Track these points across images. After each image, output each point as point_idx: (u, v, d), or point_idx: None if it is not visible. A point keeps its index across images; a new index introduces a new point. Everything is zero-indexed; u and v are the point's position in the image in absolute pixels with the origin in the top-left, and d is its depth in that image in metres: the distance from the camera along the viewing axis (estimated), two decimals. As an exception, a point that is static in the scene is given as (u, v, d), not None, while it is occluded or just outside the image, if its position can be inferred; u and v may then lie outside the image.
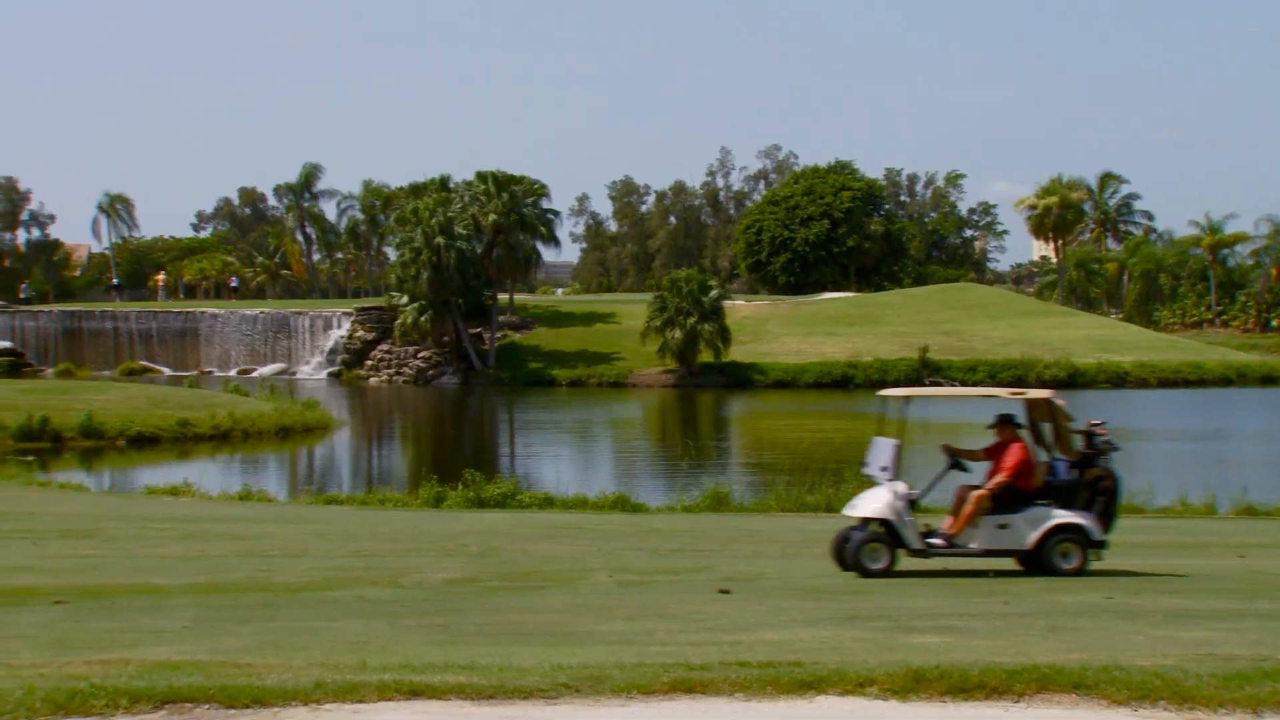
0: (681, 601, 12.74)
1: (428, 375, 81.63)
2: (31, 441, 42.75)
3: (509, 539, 19.20)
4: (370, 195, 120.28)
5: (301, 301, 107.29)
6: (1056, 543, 14.71)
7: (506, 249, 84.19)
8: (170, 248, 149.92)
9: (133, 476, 38.88)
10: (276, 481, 37.56)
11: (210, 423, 46.34)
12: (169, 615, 11.56)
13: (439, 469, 33.01)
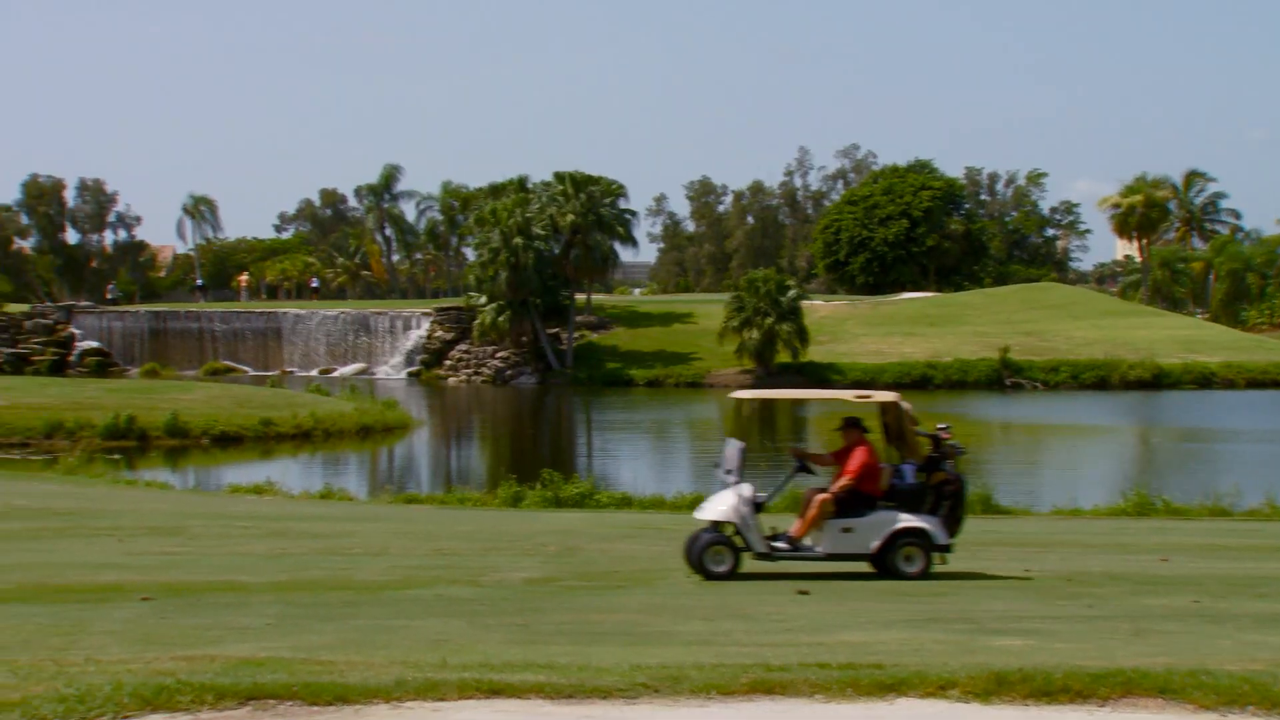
0: (760, 602, 12.71)
1: (505, 375, 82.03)
2: (118, 440, 43.51)
3: (587, 539, 19.25)
4: (449, 196, 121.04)
5: (381, 302, 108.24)
6: (900, 547, 14.62)
7: (584, 249, 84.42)
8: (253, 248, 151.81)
9: (216, 475, 39.44)
10: (357, 480, 37.93)
11: (292, 422, 46.88)
12: (252, 612, 11.71)
13: (517, 469, 33.16)
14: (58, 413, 44.91)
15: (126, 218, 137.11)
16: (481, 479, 37.26)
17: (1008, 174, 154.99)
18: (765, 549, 14.63)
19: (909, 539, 14.60)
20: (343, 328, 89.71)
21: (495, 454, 47.44)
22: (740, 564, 14.57)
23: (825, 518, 14.71)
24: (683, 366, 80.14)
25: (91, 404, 46.79)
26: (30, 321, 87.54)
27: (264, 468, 38.21)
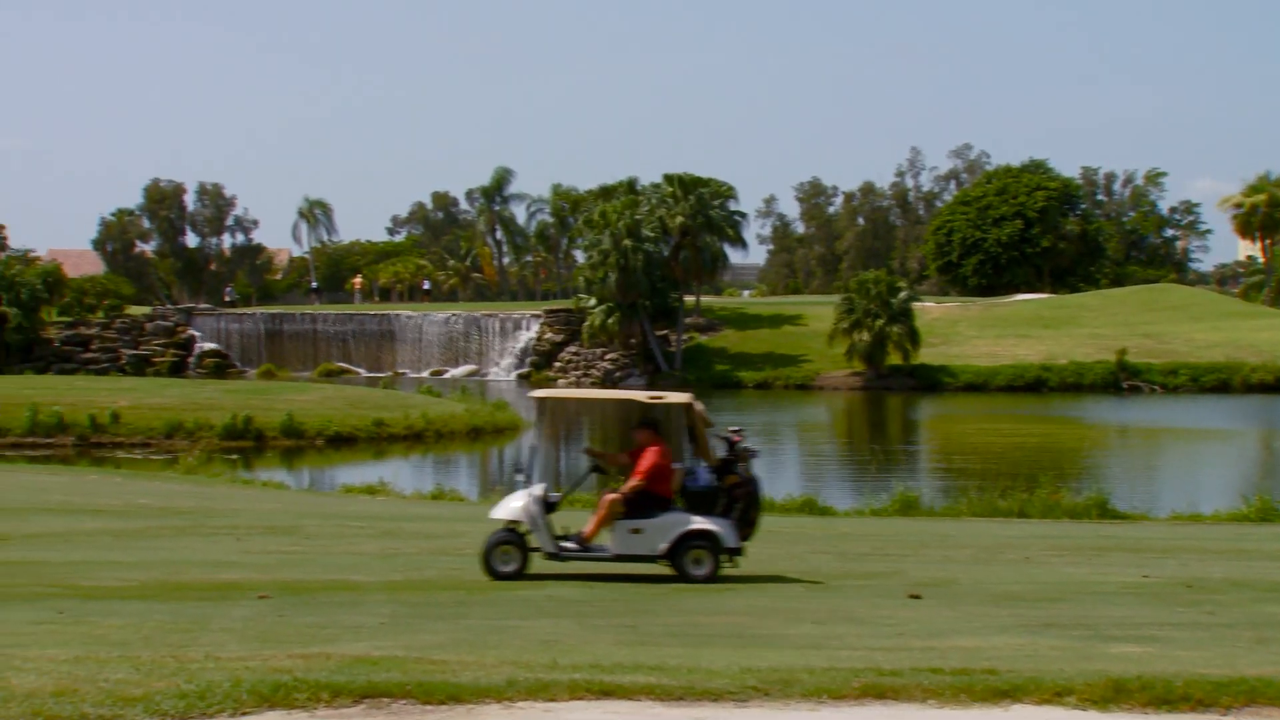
0: (871, 606, 12.62)
1: (614, 377, 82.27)
2: (236, 440, 44.42)
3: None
4: (559, 198, 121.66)
5: (492, 304, 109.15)
6: (688, 549, 14.44)
7: (693, 251, 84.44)
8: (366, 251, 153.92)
9: (330, 475, 40.09)
10: (467, 481, 38.31)
11: (404, 423, 47.48)
12: (366, 611, 11.87)
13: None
14: (177, 413, 45.97)
15: (244, 221, 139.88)
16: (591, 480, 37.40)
17: (1125, 173, 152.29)
18: (554, 549, 14.57)
19: (698, 541, 14.49)
20: (454, 330, 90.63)
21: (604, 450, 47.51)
22: (529, 564, 14.52)
23: (615, 518, 14.61)
24: (792, 369, 79.83)
25: (210, 405, 47.81)
26: (151, 323, 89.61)
27: (376, 468, 38.75)
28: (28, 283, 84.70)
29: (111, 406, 46.45)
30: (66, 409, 45.91)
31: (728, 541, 14.56)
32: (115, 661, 8.73)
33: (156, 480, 31.05)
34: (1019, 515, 25.28)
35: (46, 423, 44.92)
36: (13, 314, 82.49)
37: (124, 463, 39.47)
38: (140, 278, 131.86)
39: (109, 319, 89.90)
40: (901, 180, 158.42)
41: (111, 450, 43.49)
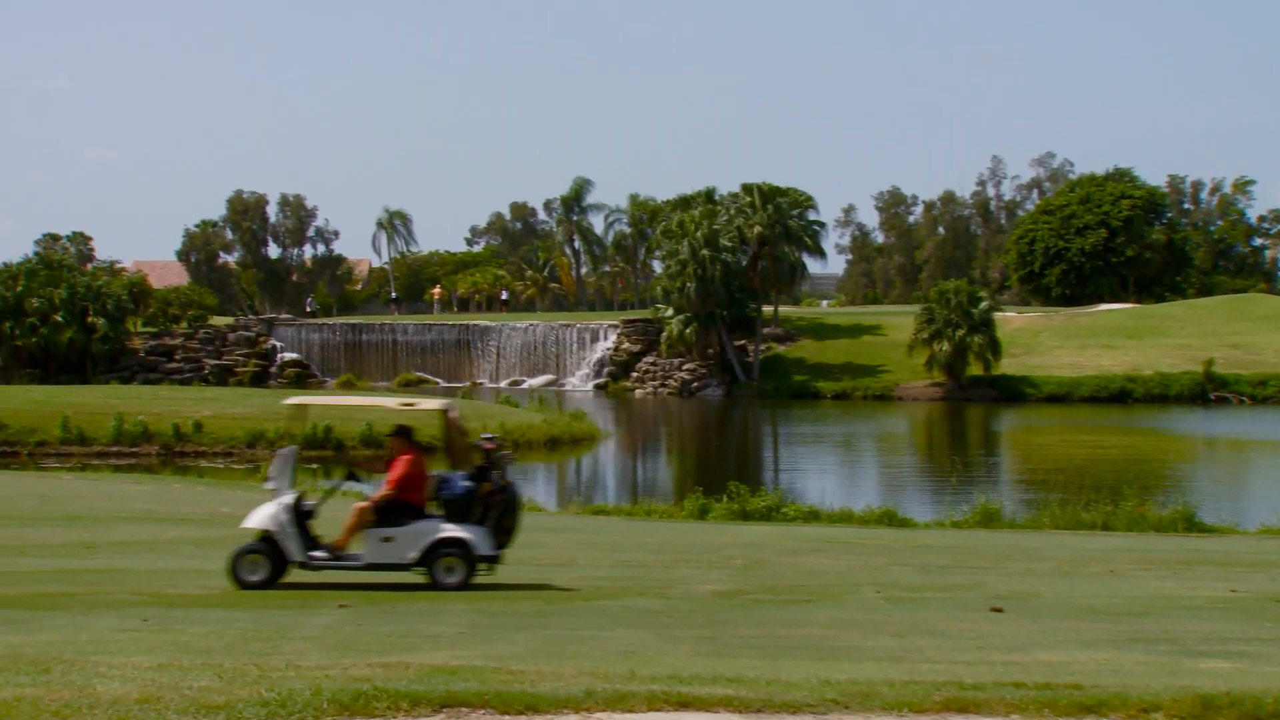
0: (952, 619, 12.51)
1: (692, 387, 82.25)
2: (316, 450, 44.85)
3: (774, 552, 19.18)
4: (637, 208, 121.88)
5: (570, 314, 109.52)
6: (440, 557, 14.33)
7: (771, 261, 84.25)
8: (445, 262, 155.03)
9: (409, 484, 40.33)
10: (545, 491, 38.43)
11: (480, 431, 47.67)
12: (446, 620, 11.94)
13: (704, 481, 33.22)
14: (259, 423, 46.55)
15: (325, 232, 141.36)
16: (668, 491, 37.41)
17: (1213, 181, 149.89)
18: (303, 558, 14.47)
19: (449, 549, 14.42)
20: (532, 340, 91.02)
21: (682, 466, 47.61)
22: (285, 573, 14.47)
23: (365, 527, 14.51)
24: (871, 379, 79.36)
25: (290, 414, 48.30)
26: (234, 334, 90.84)
27: (455, 477, 38.92)
28: (114, 294, 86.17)
29: (195, 416, 47.14)
30: (151, 419, 46.65)
31: (481, 549, 14.53)
32: (198, 669, 8.85)
33: (238, 489, 31.45)
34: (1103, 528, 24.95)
35: (132, 432, 45.68)
36: (100, 325, 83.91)
37: (207, 472, 40.03)
38: (223, 288, 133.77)
39: (193, 329, 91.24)
40: (983, 189, 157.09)
41: (195, 459, 44.14)
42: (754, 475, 41.64)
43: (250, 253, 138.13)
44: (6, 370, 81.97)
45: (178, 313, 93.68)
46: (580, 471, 46.21)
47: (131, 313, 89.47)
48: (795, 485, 38.65)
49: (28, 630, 10.98)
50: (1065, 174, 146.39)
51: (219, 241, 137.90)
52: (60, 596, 13.49)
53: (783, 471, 44.54)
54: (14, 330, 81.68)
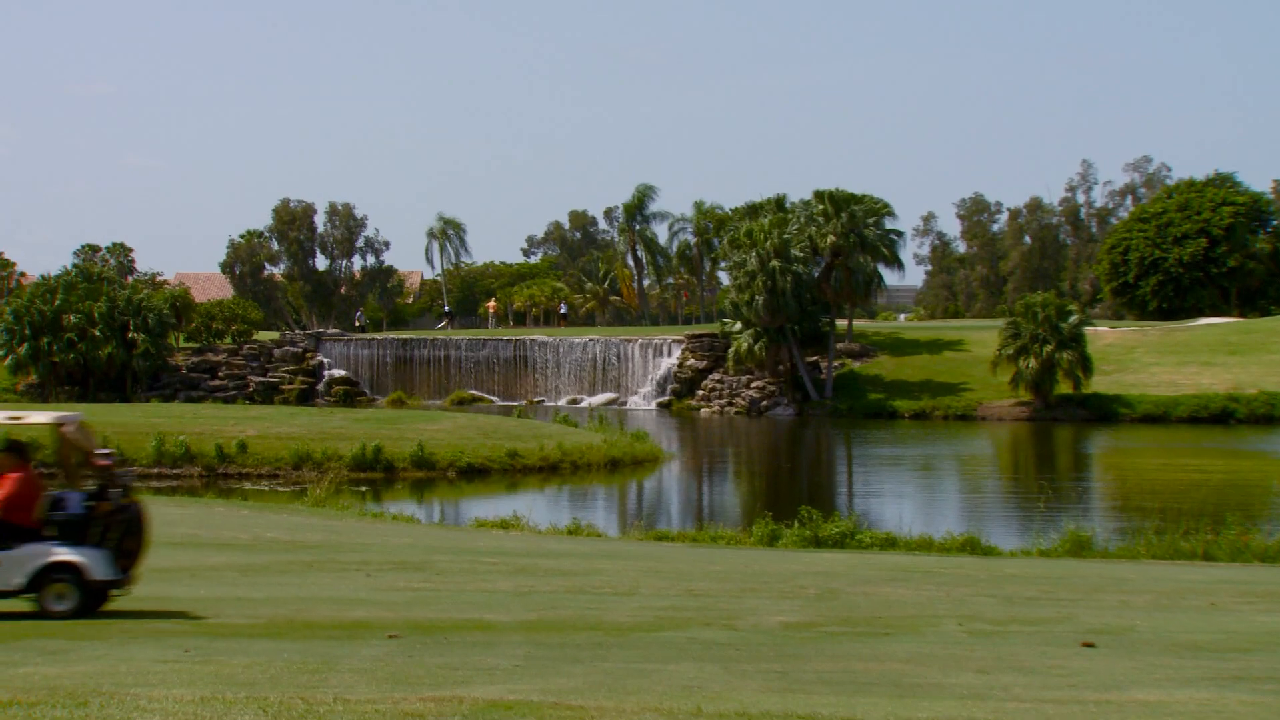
0: (1040, 654, 12.39)
1: (761, 406, 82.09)
2: (365, 472, 45.22)
3: (849, 581, 19.10)
4: (703, 217, 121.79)
5: (631, 329, 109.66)
6: (50, 582, 13.85)
7: (845, 272, 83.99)
8: (500, 273, 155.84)
9: (462, 509, 40.62)
10: (605, 516, 38.47)
11: (539, 454, 47.91)
12: (500, 652, 11.96)
13: (773, 505, 33.14)
14: (305, 443, 46.95)
15: (375, 243, 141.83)
16: (735, 516, 37.35)
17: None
18: None
19: (60, 574, 13.94)
20: (592, 356, 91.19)
21: (750, 490, 47.52)
22: None
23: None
24: (952, 398, 78.87)
25: (338, 434, 48.72)
26: (280, 349, 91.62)
27: (510, 501, 39.16)
28: (155, 308, 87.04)
29: (239, 436, 47.61)
30: (193, 438, 47.17)
31: (98, 573, 14.09)
32: (242, 703, 8.91)
33: (284, 513, 31.71)
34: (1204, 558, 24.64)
35: (173, 453, 46.21)
36: (140, 340, 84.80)
37: (251, 494, 40.42)
38: (268, 302, 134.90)
39: (237, 345, 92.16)
40: (1072, 195, 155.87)
41: (238, 481, 44.57)
42: (827, 499, 41.48)
43: (297, 264, 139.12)
44: (44, 388, 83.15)
45: (221, 327, 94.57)
46: (642, 495, 46.21)
47: (173, 327, 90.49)
48: (871, 510, 38.47)
49: (65, 661, 11.12)
50: (1162, 179, 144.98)
51: (264, 253, 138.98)
52: (99, 625, 13.65)
53: (858, 496, 44.34)
54: (51, 346, 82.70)
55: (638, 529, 31.17)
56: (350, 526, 28.57)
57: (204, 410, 57.71)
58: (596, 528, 31.35)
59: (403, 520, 32.51)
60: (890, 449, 61.94)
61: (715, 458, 60.69)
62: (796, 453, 63.73)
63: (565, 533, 30.12)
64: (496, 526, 30.88)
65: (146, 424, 49.67)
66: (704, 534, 29.03)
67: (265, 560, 20.32)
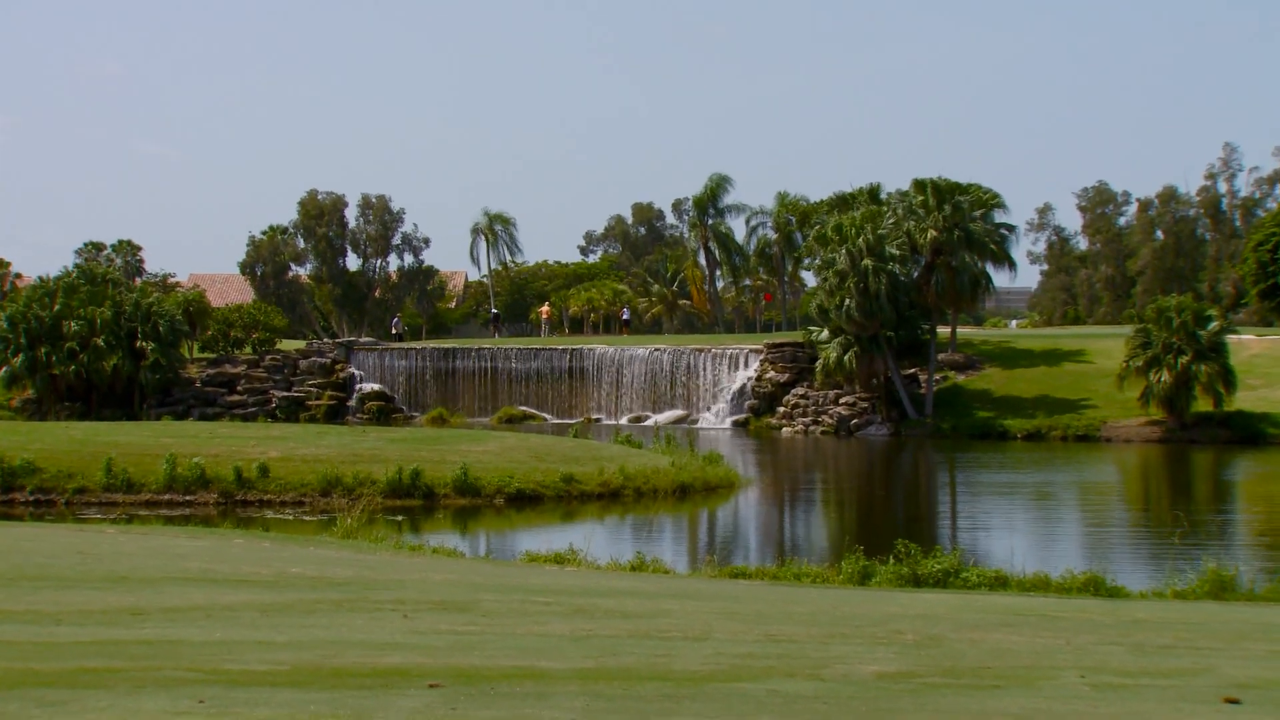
0: (1175, 711, 12.28)
1: (851, 425, 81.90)
2: (402, 499, 45.48)
3: (952, 626, 18.99)
4: (785, 209, 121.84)
5: (704, 337, 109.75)
6: None
7: (948, 272, 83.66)
8: (555, 274, 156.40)
9: (511, 540, 40.78)
10: (674, 550, 38.51)
11: (598, 479, 48.02)
12: (554, 704, 11.98)
13: (865, 538, 33.06)
14: (335, 466, 47.29)
15: (413, 240, 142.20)
16: (822, 550, 37.28)
17: None
18: None
19: None
20: (658, 368, 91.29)
21: (838, 520, 47.41)
22: None
23: None
24: (1071, 416, 78.36)
25: (372, 456, 49.03)
26: (306, 360, 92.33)
27: (565, 532, 39.25)
28: (166, 313, 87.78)
29: (260, 458, 48.02)
30: (208, 461, 47.62)
31: None
32: (263, 758, 8.96)
33: (311, 545, 31.93)
34: (1365, 601, 24.33)
35: (186, 477, 46.68)
36: (149, 350, 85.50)
37: (273, 524, 40.74)
38: (294, 306, 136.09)
39: (258, 355, 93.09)
40: (1212, 184, 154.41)
41: (259, 509, 44.96)
42: (927, 532, 41.31)
43: (325, 264, 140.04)
44: (42, 404, 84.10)
45: (240, 335, 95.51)
46: (715, 526, 46.20)
47: (187, 335, 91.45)
48: (978, 544, 38.30)
49: (66, 712, 11.23)
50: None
51: (289, 251, 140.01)
52: (103, 672, 13.78)
53: (962, 528, 44.14)
54: (50, 357, 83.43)
55: (710, 565, 31.16)
56: (385, 561, 28.73)
57: (221, 429, 58.24)
58: (663, 563, 31.36)
59: (444, 554, 32.65)
60: (1000, 474, 61.60)
61: (799, 484, 60.59)
62: (892, 478, 63.50)
63: (628, 569, 30.15)
64: (550, 561, 30.97)
65: (156, 444, 50.19)
66: (786, 571, 28.97)
67: (289, 599, 20.46)
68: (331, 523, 38.23)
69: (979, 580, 26.77)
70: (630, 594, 23.19)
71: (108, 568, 24.54)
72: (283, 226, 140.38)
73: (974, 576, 26.97)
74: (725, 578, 28.88)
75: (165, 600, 20.13)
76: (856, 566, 27.70)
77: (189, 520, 41.33)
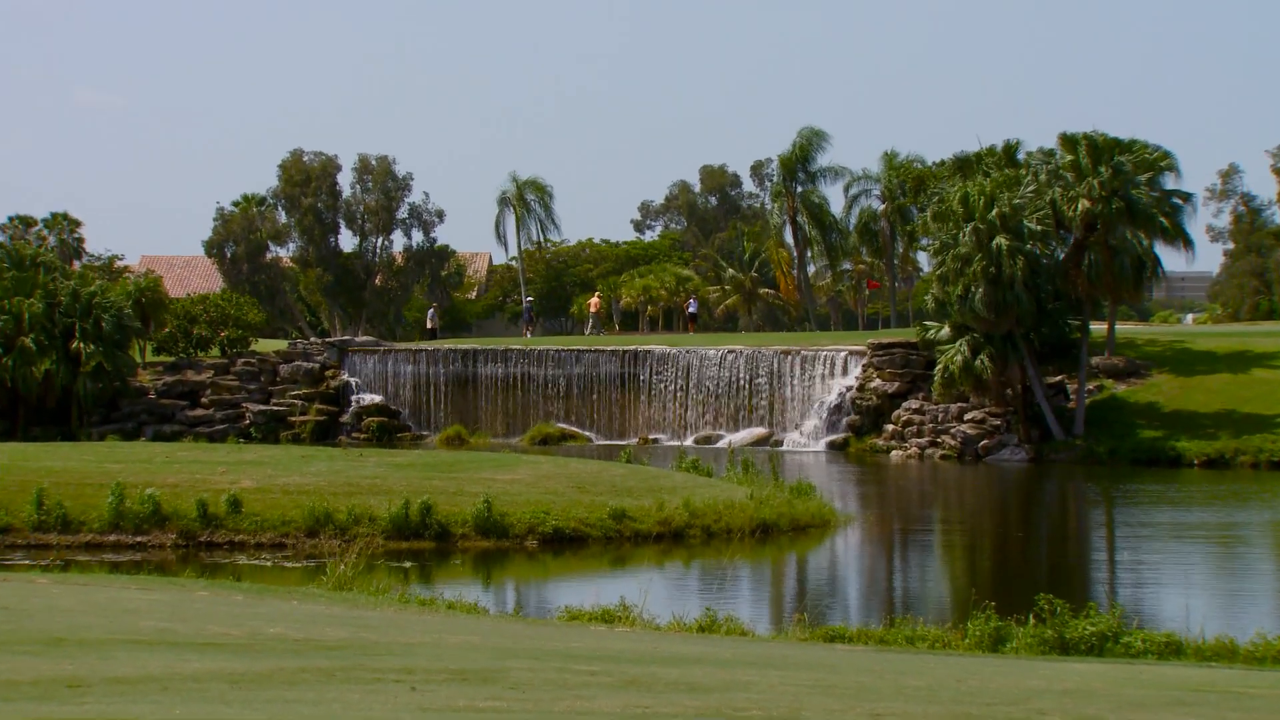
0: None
1: (980, 447, 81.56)
2: (409, 540, 45.55)
3: (1111, 705, 18.91)
4: (895, 174, 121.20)
5: (791, 335, 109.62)
6: None
7: (1105, 253, 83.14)
8: (602, 256, 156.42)
9: (547, 593, 40.86)
10: (753, 605, 38.50)
11: (656, 516, 47.96)
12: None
13: (998, 592, 32.95)
14: (324, 498, 47.38)
15: (423, 212, 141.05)
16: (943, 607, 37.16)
17: None
18: None
19: None
20: (732, 374, 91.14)
21: (964, 569, 47.30)
22: None
23: None
24: (1265, 437, 77.84)
25: (371, 486, 49.13)
26: (289, 365, 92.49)
27: (615, 583, 39.31)
28: (112, 305, 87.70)
29: (230, 489, 48.16)
30: (165, 492, 47.75)
31: None
32: None
33: (294, 598, 32.03)
34: None
35: (136, 512, 46.79)
36: (90, 352, 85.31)
37: (247, 572, 40.86)
38: (273, 297, 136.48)
39: (228, 358, 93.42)
40: None
41: (229, 553, 45.14)
42: (1078, 584, 41.17)
43: (313, 244, 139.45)
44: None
45: (206, 333, 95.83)
46: (806, 575, 46.18)
47: (138, 334, 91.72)
48: (1143, 601, 38.16)
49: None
50: None
51: (267, 227, 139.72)
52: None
53: (1124, 581, 43.99)
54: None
55: (799, 625, 31.13)
56: (387, 619, 28.78)
57: (181, 452, 58.48)
58: (740, 622, 31.33)
59: (462, 610, 32.70)
60: (1172, 512, 61.25)
61: (913, 522, 60.42)
62: (1032, 515, 63.26)
63: (695, 629, 30.14)
64: (596, 620, 30.97)
65: (99, 471, 50.40)
66: (896, 633, 28.91)
67: (266, 667, 20.52)
68: (321, 570, 38.32)
69: (1145, 646, 26.64)
70: (698, 661, 23.18)
71: (39, 627, 24.69)
72: (259, 196, 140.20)
73: (1138, 642, 26.84)
74: (818, 641, 28.83)
75: (111, 668, 20.22)
76: (987, 628, 27.60)
77: (141, 567, 41.55)
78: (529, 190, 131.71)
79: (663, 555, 46.32)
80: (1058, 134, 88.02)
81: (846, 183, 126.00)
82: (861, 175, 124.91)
